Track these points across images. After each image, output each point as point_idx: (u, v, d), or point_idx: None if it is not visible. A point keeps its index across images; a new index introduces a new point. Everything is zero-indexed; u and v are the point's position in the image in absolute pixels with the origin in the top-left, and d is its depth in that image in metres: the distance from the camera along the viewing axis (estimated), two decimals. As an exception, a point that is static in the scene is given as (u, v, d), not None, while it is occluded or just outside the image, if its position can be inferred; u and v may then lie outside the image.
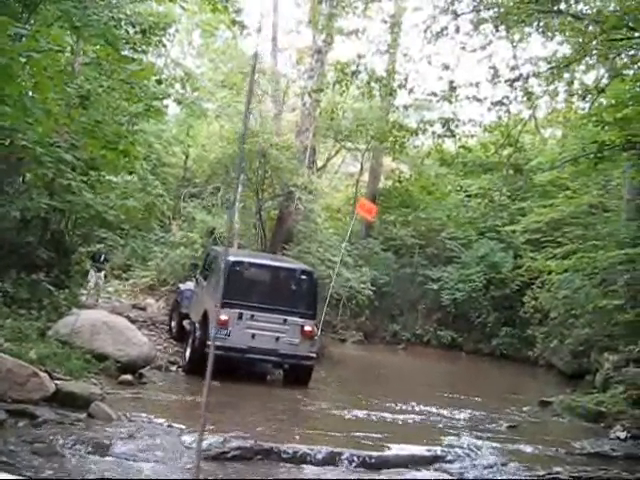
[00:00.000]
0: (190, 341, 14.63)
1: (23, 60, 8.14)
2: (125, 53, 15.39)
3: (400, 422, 12.53)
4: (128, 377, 12.39)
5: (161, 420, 10.15)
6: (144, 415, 10.31)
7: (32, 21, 13.63)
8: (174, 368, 14.68)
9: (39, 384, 9.90)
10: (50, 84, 9.16)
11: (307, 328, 14.26)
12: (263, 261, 15.76)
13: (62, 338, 12.50)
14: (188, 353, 14.62)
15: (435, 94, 15.89)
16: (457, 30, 15.27)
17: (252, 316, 13.90)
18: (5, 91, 8.45)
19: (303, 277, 14.76)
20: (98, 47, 14.95)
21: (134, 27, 16.91)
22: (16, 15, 12.54)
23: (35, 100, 9.07)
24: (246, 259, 15.01)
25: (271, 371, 15.55)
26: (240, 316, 13.81)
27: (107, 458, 8.23)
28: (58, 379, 10.54)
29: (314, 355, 14.65)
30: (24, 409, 9.25)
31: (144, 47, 17.92)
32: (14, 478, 3.38)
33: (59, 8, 12.65)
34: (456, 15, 15.12)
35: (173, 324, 17.96)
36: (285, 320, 14.13)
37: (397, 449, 10.06)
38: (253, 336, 13.93)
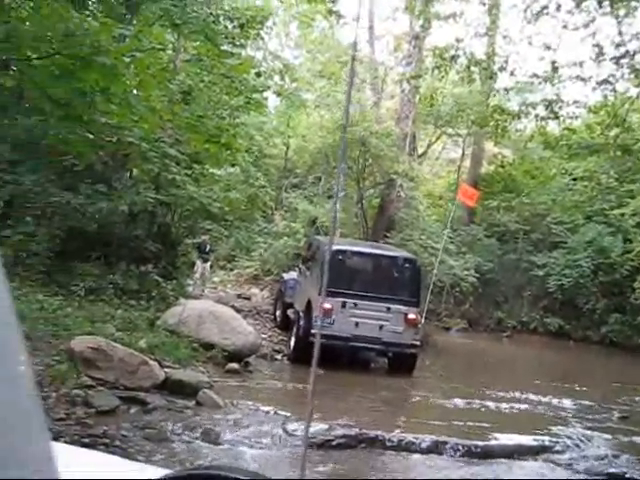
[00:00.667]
0: (294, 330, 14.72)
1: (127, 60, 8.40)
2: (224, 48, 15.65)
3: (506, 411, 12.34)
4: (234, 365, 12.63)
5: (267, 408, 10.32)
6: (250, 403, 10.52)
7: (134, 21, 14.04)
8: (279, 357, 14.86)
9: (149, 372, 10.23)
10: (154, 82, 9.44)
11: (411, 316, 14.13)
12: (365, 249, 15.68)
13: (170, 327, 12.86)
14: (293, 342, 14.70)
15: (537, 76, 15.49)
16: (558, 8, 14.83)
17: (355, 304, 13.85)
18: (111, 90, 8.74)
19: (406, 265, 14.64)
20: (198, 43, 15.25)
21: (232, 22, 17.17)
22: (119, 16, 12.95)
23: (139, 98, 9.36)
24: (348, 247, 14.98)
25: (375, 359, 15.50)
26: (344, 304, 13.76)
27: (215, 445, 8.45)
28: (167, 367, 10.87)
29: (418, 343, 14.49)
30: (135, 396, 9.59)
31: (242, 41, 18.18)
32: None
33: (160, 7, 12.98)
34: (557, -8, 14.69)
35: (277, 313, 18.13)
36: (388, 308, 14.00)
37: (503, 438, 9.92)
38: (357, 324, 13.86)
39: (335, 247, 14.36)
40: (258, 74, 18.21)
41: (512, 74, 16.02)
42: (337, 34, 31.37)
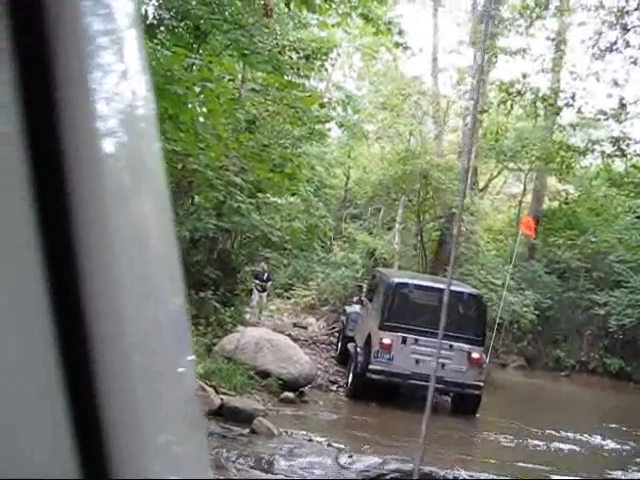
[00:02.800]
0: (352, 366, 14.29)
1: (198, 89, 8.56)
2: (289, 78, 15.83)
3: (562, 452, 12.06)
4: (289, 395, 12.62)
5: (320, 439, 10.27)
6: (304, 433, 10.49)
7: (201, 50, 14.30)
8: (334, 387, 14.80)
9: (205, 398, 10.28)
10: (221, 110, 9.58)
11: (475, 355, 13.66)
12: (428, 283, 15.17)
13: (227, 354, 12.93)
14: (350, 378, 14.30)
15: (604, 112, 15.31)
16: (627, 44, 14.68)
17: (416, 340, 13.33)
18: (179, 118, 8.91)
19: (471, 301, 14.27)
20: (264, 74, 15.47)
21: (298, 53, 17.37)
22: (187, 45, 13.22)
23: (206, 126, 9.50)
24: (411, 281, 14.65)
25: (438, 399, 14.70)
26: (404, 340, 13.33)
27: (269, 474, 8.42)
28: (223, 394, 10.92)
29: (482, 384, 13.92)
30: (191, 422, 9.62)
31: (307, 72, 18.36)
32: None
33: (228, 37, 13.21)
34: (626, 29, 14.55)
35: (339, 346, 17.60)
36: (451, 346, 13.29)
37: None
38: (417, 361, 13.30)
39: (397, 280, 14.09)
40: (322, 105, 18.34)
41: (579, 111, 15.87)
42: (400, 66, 31.52)
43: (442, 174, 22.26)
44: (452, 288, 14.86)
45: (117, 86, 0.82)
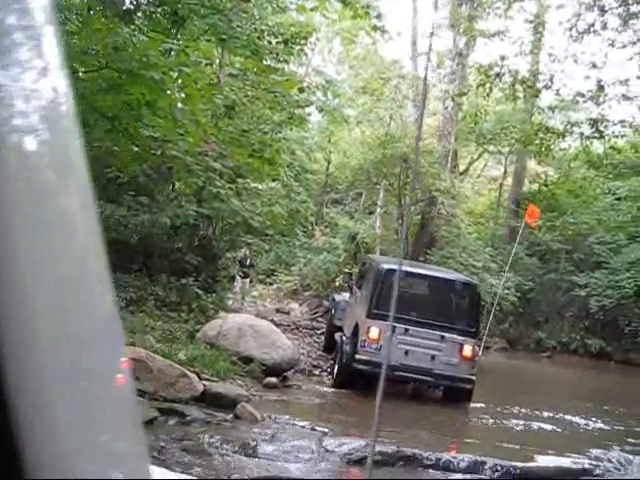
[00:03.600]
0: (338, 357, 13.72)
1: (175, 74, 8.51)
2: (268, 63, 15.77)
3: (545, 432, 12.17)
4: (272, 380, 12.64)
5: (304, 423, 10.29)
6: (288, 417, 10.51)
7: (179, 35, 14.22)
8: (317, 372, 14.84)
9: (188, 384, 10.28)
10: (199, 96, 9.53)
11: (467, 347, 12.91)
12: (420, 270, 14.55)
13: (210, 340, 12.92)
14: (336, 369, 13.76)
15: (582, 94, 15.37)
16: (604, 26, 14.75)
17: (406, 330, 12.51)
18: (157, 104, 8.85)
19: (464, 290, 13.61)
20: (242, 58, 15.40)
21: (277, 37, 17.29)
22: (165, 30, 13.13)
23: (185, 112, 9.46)
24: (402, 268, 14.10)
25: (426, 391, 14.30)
26: (393, 330, 12.36)
27: (253, 458, 8.44)
28: (206, 380, 10.91)
29: (474, 377, 13.08)
30: (174, 408, 9.63)
31: (286, 57, 18.30)
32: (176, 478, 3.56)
33: (206, 22, 13.13)
34: (603, 11, 14.59)
35: (326, 335, 17.15)
36: (442, 337, 12.77)
37: (543, 460, 9.76)
38: (406, 352, 12.60)
39: (387, 266, 13.28)
40: (301, 90, 18.29)
41: (557, 93, 15.93)
42: (380, 50, 31.45)
43: (422, 158, 22.29)
44: (444, 276, 14.53)
45: (36, 83, 0.81)
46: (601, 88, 15.25)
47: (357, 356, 12.67)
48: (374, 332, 12.63)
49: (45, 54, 0.83)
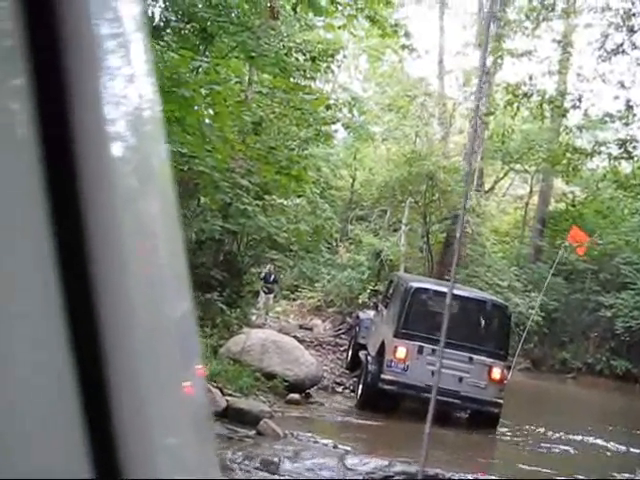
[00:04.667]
0: (363, 375, 13.39)
1: (204, 91, 8.59)
2: (295, 80, 15.85)
3: (570, 455, 12.03)
4: (295, 396, 12.61)
5: (326, 441, 10.26)
6: (310, 434, 10.48)
7: (207, 53, 14.33)
8: (340, 389, 14.78)
9: (211, 399, 10.28)
10: (228, 113, 9.60)
11: (496, 370, 12.63)
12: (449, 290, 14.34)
13: (233, 356, 12.92)
14: (360, 388, 13.43)
15: (611, 114, 15.30)
16: (634, 46, 14.66)
17: (433, 351, 11.98)
18: (186, 121, 8.93)
19: (495, 311, 13.32)
20: (270, 76, 15.49)
21: (304, 55, 17.38)
22: (194, 47, 13.25)
23: (213, 128, 9.53)
24: (431, 287, 13.67)
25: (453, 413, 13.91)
26: (420, 350, 12.28)
27: (274, 475, 8.43)
28: (229, 395, 10.92)
29: (501, 401, 12.77)
30: (198, 423, 9.63)
31: (313, 73, 18.38)
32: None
33: (234, 39, 13.24)
34: (632, 31, 14.53)
35: (349, 354, 16.89)
36: (471, 359, 12.49)
37: (567, 483, 9.67)
38: (433, 373, 11.83)
39: (416, 285, 13.15)
40: (328, 107, 18.36)
41: (585, 113, 15.87)
42: (406, 67, 31.54)
43: (448, 176, 22.26)
44: (474, 296, 14.24)
45: (124, 89, 0.83)
46: (630, 108, 15.18)
47: (383, 376, 12.44)
48: (401, 352, 12.38)
49: (133, 61, 0.86)
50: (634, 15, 14.67)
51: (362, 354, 14.68)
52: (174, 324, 0.89)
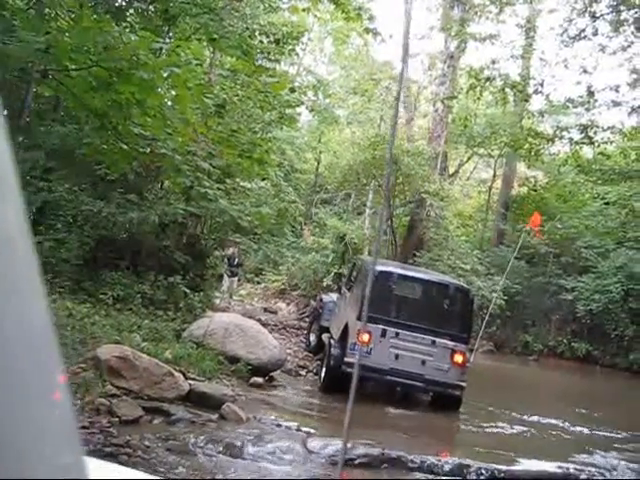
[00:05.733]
0: (326, 360, 13.42)
1: (165, 74, 8.50)
2: (259, 62, 15.77)
3: (531, 436, 12.20)
4: (259, 380, 12.61)
5: (290, 424, 10.28)
6: (273, 418, 10.49)
7: (170, 34, 14.19)
8: (304, 372, 14.83)
9: (174, 383, 10.25)
10: (189, 96, 9.51)
11: (459, 353, 12.73)
12: (414, 274, 14.23)
13: (196, 339, 12.87)
14: (324, 372, 13.42)
15: (572, 100, 15.45)
16: (595, 32, 14.82)
17: (397, 334, 12.34)
18: (147, 103, 8.83)
19: (458, 295, 13.31)
20: (234, 58, 15.38)
21: (268, 37, 17.28)
22: (156, 29, 13.10)
23: (174, 110, 9.44)
24: (395, 270, 13.56)
25: (415, 395, 14.11)
26: (383, 333, 12.30)
27: (237, 459, 8.43)
28: (192, 379, 10.88)
29: (464, 384, 12.86)
30: (159, 407, 9.60)
31: (277, 56, 18.29)
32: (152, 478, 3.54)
33: (197, 21, 13.11)
34: (594, 17, 14.66)
35: (312, 338, 16.99)
36: (434, 342, 12.54)
37: (527, 464, 9.79)
38: (396, 357, 12.40)
39: (380, 268, 13.01)
40: (292, 89, 18.29)
41: (548, 98, 16.01)
42: (371, 51, 31.53)
43: (412, 159, 22.33)
44: (438, 280, 14.28)
45: None
46: (591, 94, 15.34)
47: (346, 359, 12.45)
48: (365, 335, 12.30)
49: None
50: (596, 1, 14.79)
51: (325, 337, 14.74)
52: (31, 331, 0.86)
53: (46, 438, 0.82)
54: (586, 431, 13.18)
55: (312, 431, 9.93)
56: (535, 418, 13.59)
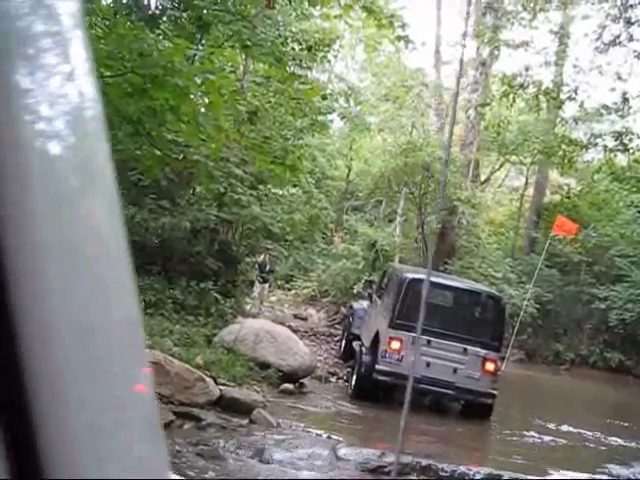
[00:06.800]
0: (357, 367, 13.36)
1: (199, 81, 8.57)
2: (291, 69, 15.82)
3: (563, 446, 12.08)
4: (289, 386, 12.63)
5: (319, 431, 10.29)
6: (303, 424, 10.52)
7: (203, 41, 14.28)
8: (334, 379, 14.82)
9: (205, 389, 10.31)
10: (223, 102, 9.58)
11: (490, 361, 12.68)
12: (445, 281, 14.10)
13: (227, 345, 12.93)
14: (354, 379, 13.38)
15: (607, 106, 15.30)
16: (631, 38, 14.65)
17: (428, 342, 12.15)
18: (181, 109, 8.91)
19: (489, 303, 13.28)
20: (266, 65, 15.46)
21: (300, 44, 17.34)
22: (189, 36, 13.21)
23: (208, 117, 9.51)
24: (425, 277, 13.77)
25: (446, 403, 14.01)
26: (414, 341, 12.10)
27: (266, 464, 8.45)
28: (222, 385, 10.94)
29: (495, 392, 12.80)
30: (190, 412, 9.67)
31: (309, 63, 18.34)
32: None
33: (230, 28, 13.20)
34: (629, 23, 14.52)
35: (342, 344, 16.96)
36: (465, 350, 12.51)
37: (558, 475, 9.70)
38: (428, 364, 12.21)
39: (411, 276, 13.10)
40: (324, 97, 18.33)
41: (581, 104, 15.87)
42: (403, 58, 31.46)
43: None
44: (470, 288, 14.24)
45: (62, 88, 0.82)
46: (626, 100, 15.18)
47: (377, 366, 12.45)
48: (396, 342, 12.39)
49: (72, 59, 0.84)
50: (632, 7, 14.66)
51: (356, 344, 14.66)
52: (120, 325, 0.88)
53: (127, 428, 0.84)
54: (620, 442, 13.00)
55: (341, 439, 9.93)
56: (568, 428, 13.44)
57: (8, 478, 0.68)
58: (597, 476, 9.81)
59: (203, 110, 10.32)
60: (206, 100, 10.98)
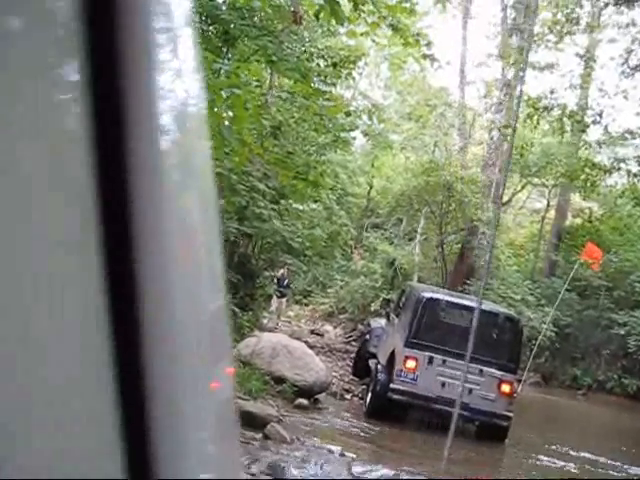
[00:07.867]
0: (372, 385, 13.35)
1: (224, 94, 8.61)
2: (315, 85, 15.87)
3: (576, 472, 11.94)
4: (304, 401, 12.61)
5: (333, 447, 10.25)
6: (317, 440, 10.47)
7: (229, 55, 14.36)
8: (349, 396, 14.77)
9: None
10: (247, 116, 9.62)
11: (506, 382, 12.61)
12: (462, 301, 14.02)
13: (243, 359, 12.93)
14: (369, 397, 13.37)
15: (631, 131, 15.25)
16: (657, 63, 14.61)
17: (444, 362, 12.27)
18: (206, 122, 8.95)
19: (507, 324, 13.22)
20: (291, 80, 15.53)
21: (325, 61, 17.41)
22: (216, 49, 13.29)
23: (232, 131, 9.55)
24: (443, 297, 13.58)
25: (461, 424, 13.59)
26: (430, 360, 12.31)
27: (280, 480, 8.43)
28: (237, 398, 10.91)
29: (511, 414, 12.75)
30: (205, 425, 9.64)
31: (334, 80, 18.39)
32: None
33: (256, 43, 13.27)
34: (657, 48, 14.49)
35: (355, 360, 16.93)
36: (481, 371, 12.36)
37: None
38: (443, 384, 12.27)
39: (428, 295, 13.15)
40: (347, 113, 18.35)
41: (606, 128, 15.83)
42: (427, 77, 31.51)
43: (465, 187, 22.22)
44: (487, 308, 14.04)
45: (171, 83, 0.83)
46: (651, 125, 15.12)
47: (392, 385, 12.41)
48: (411, 362, 12.33)
49: (181, 56, 0.86)
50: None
51: (372, 362, 14.61)
52: (208, 321, 0.89)
53: (201, 425, 0.85)
54: (636, 471, 12.84)
55: (355, 456, 9.88)
56: (579, 453, 13.28)
57: (125, 478, 0.70)
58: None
59: (227, 123, 10.37)
60: (230, 114, 11.04)
